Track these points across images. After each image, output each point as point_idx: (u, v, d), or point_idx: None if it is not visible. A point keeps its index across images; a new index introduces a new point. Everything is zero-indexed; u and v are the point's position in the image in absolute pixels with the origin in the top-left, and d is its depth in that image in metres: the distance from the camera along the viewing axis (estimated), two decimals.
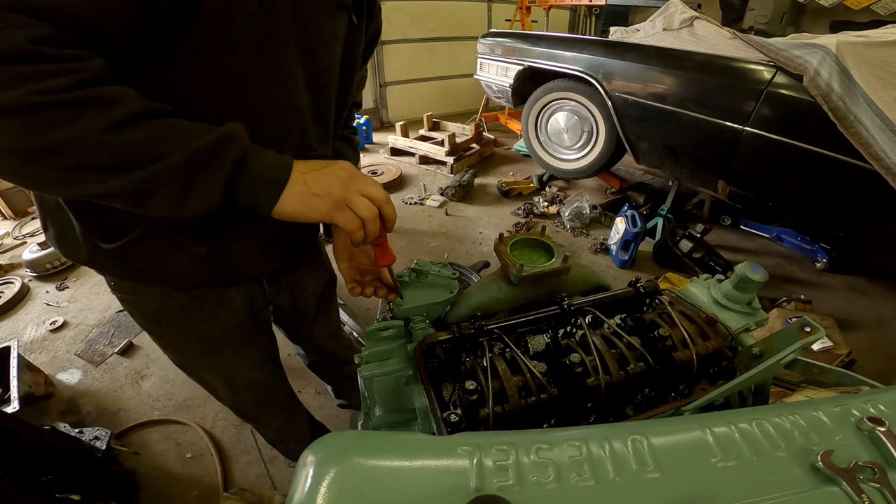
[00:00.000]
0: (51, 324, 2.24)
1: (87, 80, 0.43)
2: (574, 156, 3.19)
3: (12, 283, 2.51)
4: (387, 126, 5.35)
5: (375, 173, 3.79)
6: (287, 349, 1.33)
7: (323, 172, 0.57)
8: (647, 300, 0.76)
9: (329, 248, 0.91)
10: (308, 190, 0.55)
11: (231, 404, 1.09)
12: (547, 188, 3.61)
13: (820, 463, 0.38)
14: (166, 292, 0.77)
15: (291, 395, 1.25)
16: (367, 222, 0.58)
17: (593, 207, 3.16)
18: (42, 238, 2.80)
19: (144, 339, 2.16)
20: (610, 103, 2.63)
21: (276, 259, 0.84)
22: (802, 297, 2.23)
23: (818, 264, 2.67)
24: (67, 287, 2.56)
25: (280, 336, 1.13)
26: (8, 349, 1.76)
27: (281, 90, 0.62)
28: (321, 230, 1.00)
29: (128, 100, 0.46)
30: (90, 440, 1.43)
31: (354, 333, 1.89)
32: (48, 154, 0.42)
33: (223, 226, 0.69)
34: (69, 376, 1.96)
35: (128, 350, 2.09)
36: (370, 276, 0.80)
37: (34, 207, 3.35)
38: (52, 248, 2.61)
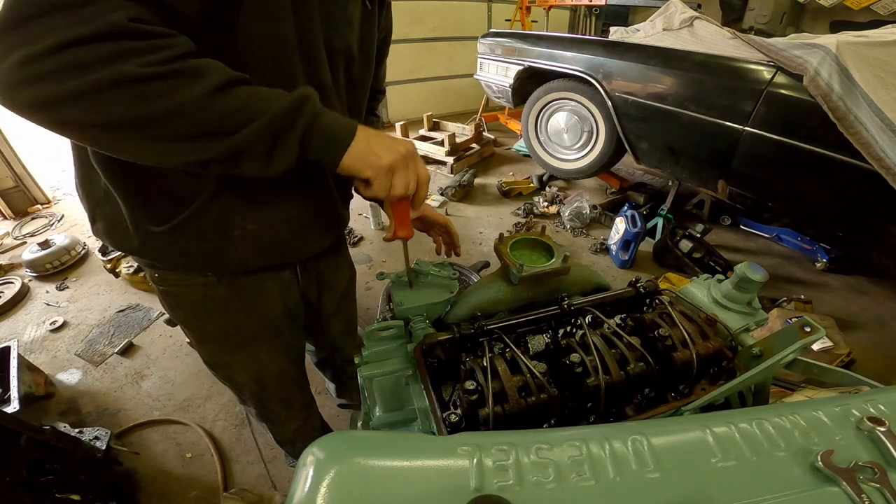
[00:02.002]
0: (51, 324, 2.24)
1: (182, 53, 0.48)
2: (574, 156, 3.19)
3: (12, 283, 2.51)
4: (387, 126, 5.35)
5: None
6: None
7: (385, 137, 0.64)
8: (647, 300, 0.76)
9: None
10: (369, 149, 0.61)
11: (254, 403, 1.10)
12: (547, 188, 3.61)
13: (820, 463, 0.38)
14: (209, 283, 0.80)
15: (310, 394, 1.27)
16: (421, 184, 0.67)
17: (593, 207, 3.16)
18: (42, 238, 2.80)
19: (144, 339, 2.16)
20: (610, 103, 2.63)
21: (314, 241, 0.88)
22: (802, 297, 2.23)
23: (818, 264, 2.67)
24: (67, 287, 2.56)
25: None
26: (8, 349, 1.75)
27: (315, 71, 0.66)
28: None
29: (218, 69, 0.50)
30: (90, 440, 1.43)
31: None
32: (158, 123, 0.47)
33: (271, 203, 0.74)
34: (69, 376, 1.96)
35: (128, 350, 2.09)
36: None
37: (34, 207, 3.32)
38: (52, 248, 2.63)
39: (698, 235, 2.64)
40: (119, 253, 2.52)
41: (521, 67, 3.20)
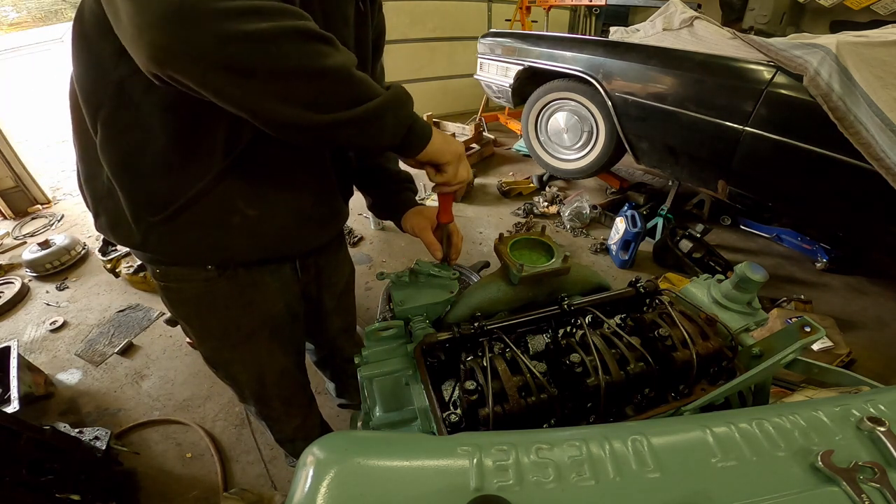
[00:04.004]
0: (51, 324, 2.24)
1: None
2: (574, 156, 3.19)
3: (12, 283, 2.51)
4: None
5: None
6: None
7: (447, 134, 0.73)
8: (647, 300, 0.76)
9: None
10: (444, 139, 0.70)
11: (254, 401, 1.11)
12: (547, 188, 3.61)
13: (820, 463, 0.38)
14: (210, 279, 0.81)
15: (311, 392, 1.27)
16: (463, 182, 0.75)
17: (593, 207, 3.16)
18: (42, 238, 2.80)
19: (144, 339, 2.16)
20: (610, 103, 2.63)
21: (314, 235, 0.89)
22: (802, 297, 2.23)
23: (818, 264, 2.67)
24: (67, 287, 2.56)
25: None
26: (8, 349, 1.75)
27: None
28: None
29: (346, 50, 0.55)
30: (90, 440, 1.42)
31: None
32: (320, 78, 0.51)
33: (274, 190, 0.75)
34: (69, 376, 1.96)
35: (128, 350, 2.09)
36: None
37: (34, 207, 3.33)
38: (52, 248, 2.63)
39: (698, 235, 2.64)
40: (119, 253, 2.52)
41: (521, 67, 3.20)
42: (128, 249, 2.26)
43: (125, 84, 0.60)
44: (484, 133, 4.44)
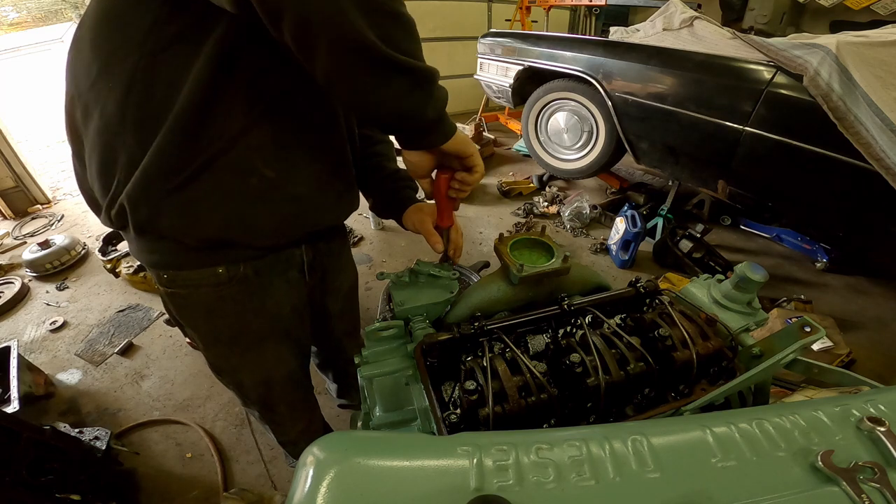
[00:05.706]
0: (51, 324, 2.24)
1: None
2: (574, 156, 3.19)
3: (12, 283, 2.51)
4: None
5: None
6: None
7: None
8: (647, 300, 0.76)
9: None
10: (466, 136, 0.73)
11: (259, 406, 1.10)
12: (547, 188, 3.61)
13: (820, 463, 0.38)
14: (220, 283, 0.80)
15: (314, 396, 1.27)
16: (480, 175, 0.78)
17: (593, 207, 3.16)
18: (42, 238, 2.80)
19: (144, 339, 2.17)
20: (610, 103, 2.63)
21: (328, 208, 0.87)
22: (802, 297, 2.23)
23: (818, 264, 2.67)
24: (67, 287, 2.56)
25: None
26: (8, 349, 1.76)
27: None
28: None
29: None
30: (90, 440, 1.43)
31: None
32: (393, 16, 0.54)
33: (291, 152, 0.75)
34: (69, 376, 1.96)
35: (128, 350, 2.10)
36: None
37: (34, 207, 3.32)
38: (52, 248, 2.63)
39: (698, 235, 2.64)
40: (119, 253, 2.52)
41: (520, 67, 3.20)
42: (128, 250, 2.23)
43: (156, 58, 0.60)
44: (484, 133, 4.44)
